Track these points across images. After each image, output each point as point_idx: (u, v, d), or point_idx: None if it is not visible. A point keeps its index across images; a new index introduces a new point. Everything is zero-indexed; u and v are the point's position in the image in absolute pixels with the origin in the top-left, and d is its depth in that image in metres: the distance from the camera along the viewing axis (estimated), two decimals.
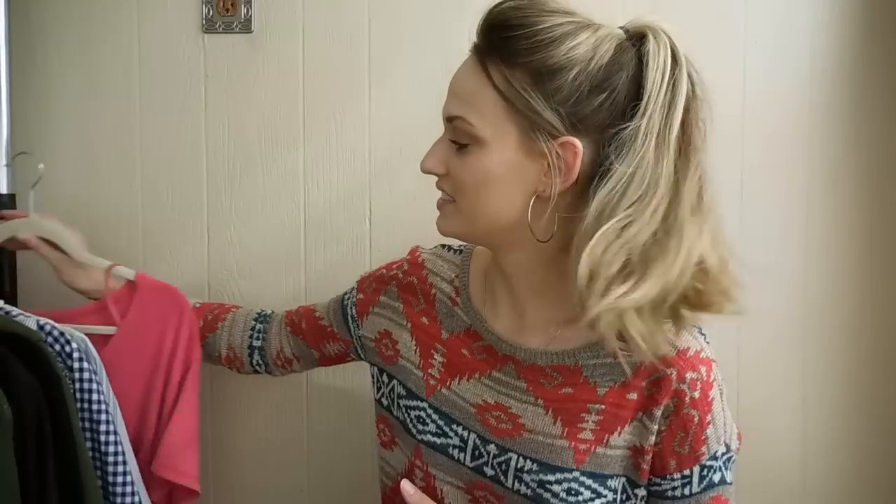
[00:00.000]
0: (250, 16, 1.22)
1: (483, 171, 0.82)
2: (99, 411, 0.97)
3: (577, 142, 0.79)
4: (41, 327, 0.97)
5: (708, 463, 0.84)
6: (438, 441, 0.91)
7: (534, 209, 0.82)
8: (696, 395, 0.82)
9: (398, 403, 0.95)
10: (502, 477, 0.87)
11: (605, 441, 0.84)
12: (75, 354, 0.97)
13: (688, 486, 0.84)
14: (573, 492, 0.84)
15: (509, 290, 0.90)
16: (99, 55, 1.24)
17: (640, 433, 0.84)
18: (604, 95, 0.78)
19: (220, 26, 1.22)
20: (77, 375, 0.97)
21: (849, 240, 1.15)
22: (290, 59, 1.23)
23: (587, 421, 0.84)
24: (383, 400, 0.98)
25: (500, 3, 0.81)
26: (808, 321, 0.99)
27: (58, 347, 0.97)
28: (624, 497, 0.86)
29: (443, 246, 1.01)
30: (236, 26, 1.21)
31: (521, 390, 0.88)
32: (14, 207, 1.17)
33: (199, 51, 1.22)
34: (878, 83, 1.13)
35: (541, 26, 0.79)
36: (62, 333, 0.98)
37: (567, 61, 0.78)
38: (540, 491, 0.84)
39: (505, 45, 0.79)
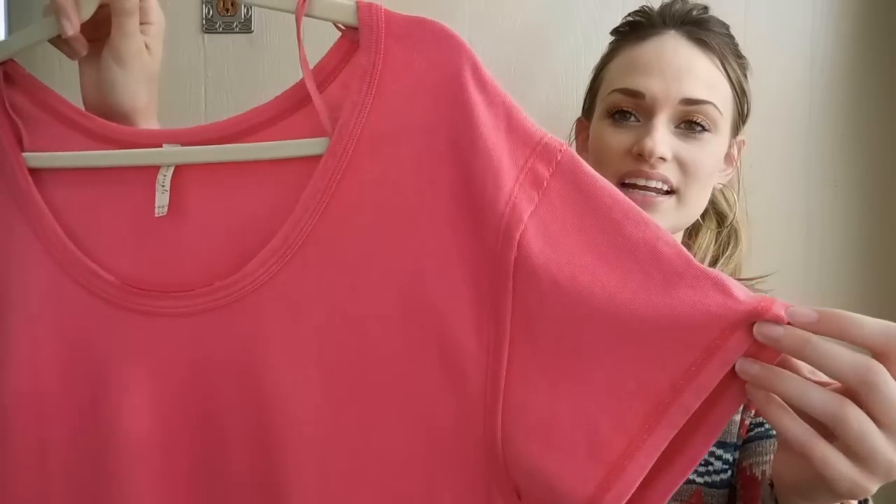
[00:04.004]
0: (250, 16, 1.22)
1: (717, 157, 0.84)
2: None
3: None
4: None
5: None
6: None
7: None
8: None
9: None
10: None
11: None
12: None
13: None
14: (704, 462, 0.81)
15: None
16: None
17: None
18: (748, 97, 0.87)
19: (220, 26, 1.22)
20: None
21: (849, 240, 1.15)
22: (290, 59, 1.22)
23: None
24: None
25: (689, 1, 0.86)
26: None
27: None
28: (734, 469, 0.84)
29: None
30: (236, 26, 1.21)
31: None
32: None
33: (198, 51, 1.22)
34: (878, 83, 1.13)
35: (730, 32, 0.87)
36: None
37: (746, 63, 0.87)
38: None
39: (725, 41, 0.84)
